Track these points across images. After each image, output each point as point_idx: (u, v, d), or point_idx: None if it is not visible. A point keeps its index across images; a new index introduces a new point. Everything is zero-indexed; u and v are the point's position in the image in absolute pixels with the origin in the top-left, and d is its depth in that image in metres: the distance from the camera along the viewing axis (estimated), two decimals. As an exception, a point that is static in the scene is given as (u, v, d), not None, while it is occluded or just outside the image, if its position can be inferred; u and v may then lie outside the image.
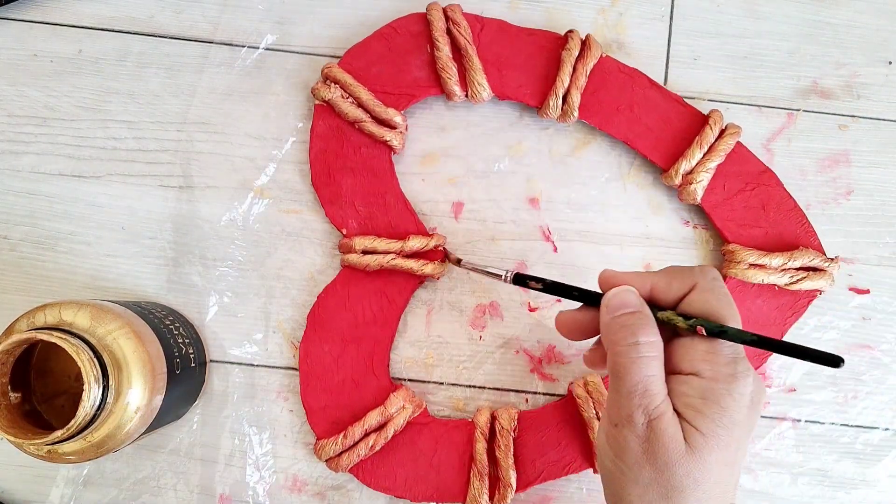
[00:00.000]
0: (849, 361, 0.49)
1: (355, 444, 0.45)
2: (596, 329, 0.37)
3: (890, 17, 0.51)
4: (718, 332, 0.33)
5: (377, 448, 0.45)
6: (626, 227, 0.50)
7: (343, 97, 0.47)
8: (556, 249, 0.49)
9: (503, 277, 0.41)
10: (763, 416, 0.49)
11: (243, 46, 0.49)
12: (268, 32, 0.49)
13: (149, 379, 0.39)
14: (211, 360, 0.48)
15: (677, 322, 0.34)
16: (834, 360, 0.31)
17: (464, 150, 0.50)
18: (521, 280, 0.40)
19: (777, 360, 0.49)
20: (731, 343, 0.34)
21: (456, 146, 0.50)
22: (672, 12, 0.51)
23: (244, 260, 0.48)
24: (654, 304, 0.36)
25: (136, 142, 0.49)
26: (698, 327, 0.34)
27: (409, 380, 0.48)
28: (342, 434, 0.45)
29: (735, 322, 0.34)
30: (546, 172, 0.50)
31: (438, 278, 0.48)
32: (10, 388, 0.38)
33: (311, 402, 0.47)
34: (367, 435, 0.45)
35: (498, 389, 0.49)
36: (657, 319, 0.35)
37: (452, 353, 0.49)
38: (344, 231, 0.48)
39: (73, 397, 0.41)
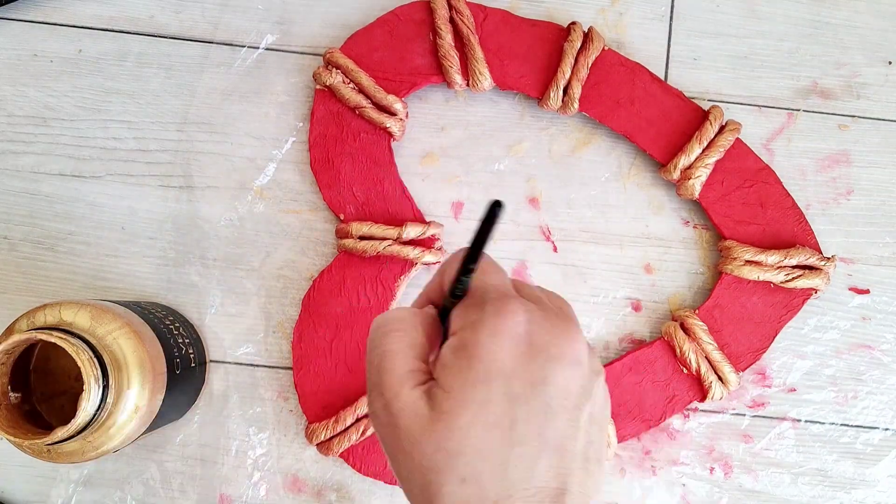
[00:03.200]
0: (849, 361, 0.49)
1: (346, 429, 0.45)
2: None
3: (890, 17, 0.51)
4: (462, 271, 0.27)
5: (368, 434, 0.45)
6: (626, 227, 0.50)
7: (344, 82, 0.47)
8: (556, 249, 0.49)
9: None
10: (763, 416, 0.49)
11: (243, 46, 0.49)
12: (268, 32, 0.49)
13: (149, 379, 0.39)
14: (211, 360, 0.48)
15: (451, 291, 0.28)
16: (493, 206, 0.25)
17: (464, 149, 0.50)
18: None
19: (777, 360, 0.49)
20: (483, 288, 0.27)
21: (456, 146, 0.50)
22: (672, 12, 0.51)
23: (244, 260, 0.48)
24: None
25: (136, 142, 0.49)
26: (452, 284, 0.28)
27: (409, 380, 0.48)
28: (333, 419, 0.45)
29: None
30: (546, 172, 0.50)
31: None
32: (10, 388, 0.37)
33: (303, 387, 0.47)
34: (358, 420, 0.45)
35: (498, 389, 0.49)
36: (445, 310, 0.29)
37: (452, 353, 0.49)
38: (341, 216, 0.48)
39: (73, 397, 0.41)
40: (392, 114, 0.48)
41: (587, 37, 0.48)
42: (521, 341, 0.26)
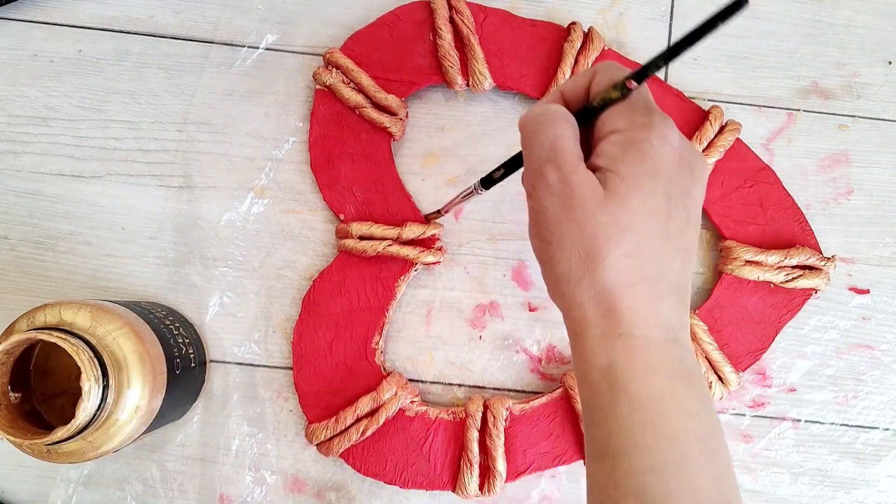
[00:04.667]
0: (849, 361, 0.49)
1: (346, 429, 0.45)
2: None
3: (890, 17, 0.51)
4: (643, 73, 0.30)
5: (368, 434, 0.45)
6: (626, 227, 0.49)
7: (344, 82, 0.47)
8: (556, 249, 0.49)
9: (474, 189, 0.40)
10: (763, 416, 0.49)
11: (243, 46, 0.49)
12: (268, 32, 0.49)
13: (149, 379, 0.39)
14: (211, 360, 0.48)
15: (609, 95, 0.31)
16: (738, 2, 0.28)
17: (464, 150, 0.50)
18: (488, 181, 0.39)
19: (777, 360, 0.49)
20: (646, 98, 0.32)
21: (456, 146, 0.50)
22: (672, 12, 0.51)
23: (244, 260, 0.48)
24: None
25: (136, 142, 0.49)
26: (628, 82, 0.31)
27: (409, 380, 0.48)
28: (333, 419, 0.45)
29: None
30: (546, 172, 0.50)
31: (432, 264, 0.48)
32: (10, 388, 0.37)
33: (303, 387, 0.47)
34: (358, 420, 0.45)
35: (498, 389, 0.49)
36: (589, 110, 0.32)
37: (452, 353, 0.49)
38: (341, 216, 0.48)
39: (73, 397, 0.41)
40: (392, 114, 0.48)
41: (587, 37, 0.48)
42: (677, 153, 0.30)
